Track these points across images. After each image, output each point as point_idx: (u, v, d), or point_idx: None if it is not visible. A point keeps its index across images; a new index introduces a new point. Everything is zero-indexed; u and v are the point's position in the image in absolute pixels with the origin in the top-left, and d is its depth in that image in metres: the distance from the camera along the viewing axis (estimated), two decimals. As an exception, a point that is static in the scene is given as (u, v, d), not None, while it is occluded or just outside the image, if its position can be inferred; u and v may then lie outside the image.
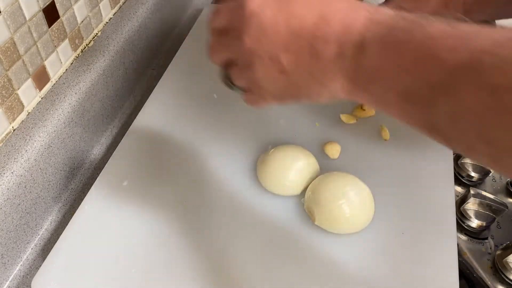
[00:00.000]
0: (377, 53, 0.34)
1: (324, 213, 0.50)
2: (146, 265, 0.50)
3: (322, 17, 0.36)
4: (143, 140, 0.62)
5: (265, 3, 0.37)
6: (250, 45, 0.38)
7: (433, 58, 0.31)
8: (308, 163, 0.54)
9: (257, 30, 0.37)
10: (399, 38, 0.33)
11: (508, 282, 0.56)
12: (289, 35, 0.36)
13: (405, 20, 0.34)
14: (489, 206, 0.59)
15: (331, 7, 0.36)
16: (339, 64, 0.35)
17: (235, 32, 0.39)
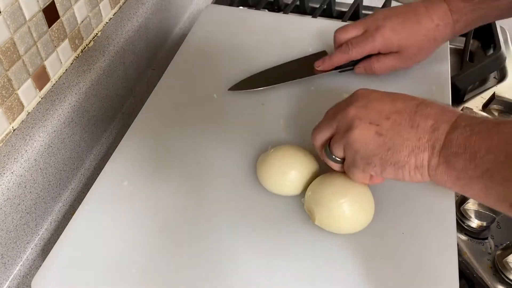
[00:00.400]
0: (467, 133, 0.39)
1: (324, 213, 0.50)
2: (146, 265, 0.50)
3: (423, 103, 0.43)
4: (143, 140, 0.62)
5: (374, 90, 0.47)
6: (354, 111, 0.44)
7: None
8: (308, 162, 0.54)
9: (364, 102, 0.45)
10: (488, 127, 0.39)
11: (508, 282, 0.56)
12: (392, 109, 0.43)
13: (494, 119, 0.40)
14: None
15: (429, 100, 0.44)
16: (432, 135, 0.41)
17: (342, 108, 0.46)
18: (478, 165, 0.38)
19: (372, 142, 0.43)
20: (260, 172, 0.55)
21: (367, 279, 0.48)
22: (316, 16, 0.86)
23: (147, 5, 0.76)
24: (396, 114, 0.43)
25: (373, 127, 0.43)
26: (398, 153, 0.43)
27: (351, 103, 0.46)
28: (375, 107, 0.44)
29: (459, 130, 0.40)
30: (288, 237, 0.52)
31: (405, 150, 0.42)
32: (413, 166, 0.42)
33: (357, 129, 0.44)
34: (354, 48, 0.62)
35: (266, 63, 0.71)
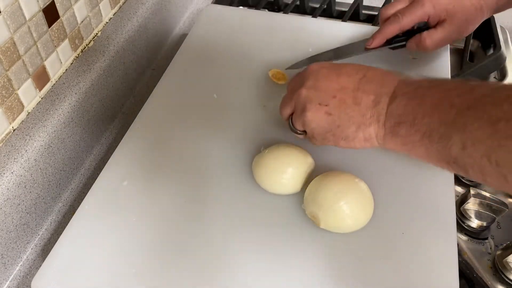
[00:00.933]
0: (404, 102, 0.44)
1: (328, 216, 0.50)
2: (146, 265, 0.50)
3: (365, 77, 0.48)
4: (143, 140, 0.62)
5: (323, 66, 0.51)
6: (305, 93, 0.49)
7: (447, 103, 0.40)
8: (304, 159, 0.55)
9: (313, 82, 0.50)
10: (422, 92, 0.43)
11: (508, 282, 0.56)
12: (337, 87, 0.48)
13: (428, 81, 0.45)
14: (489, 206, 0.59)
15: (373, 70, 0.48)
16: (375, 110, 0.46)
17: (297, 86, 0.51)
18: (417, 129, 0.42)
19: (324, 121, 0.49)
20: (257, 173, 0.55)
21: (367, 279, 0.48)
22: (316, 16, 0.86)
23: (147, 5, 0.76)
24: (341, 91, 0.48)
25: (322, 108, 0.48)
26: (346, 129, 0.48)
27: (303, 83, 0.50)
28: (322, 86, 0.49)
29: (397, 100, 0.45)
30: (288, 237, 0.52)
31: (352, 126, 0.47)
32: (362, 139, 0.48)
33: (309, 112, 0.49)
34: (404, 16, 0.62)
35: (266, 63, 0.71)
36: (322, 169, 0.55)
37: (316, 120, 0.49)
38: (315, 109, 0.49)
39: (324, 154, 0.59)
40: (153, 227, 0.53)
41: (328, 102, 0.48)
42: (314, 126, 0.50)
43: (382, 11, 0.65)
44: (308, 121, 0.50)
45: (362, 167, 0.57)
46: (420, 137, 0.42)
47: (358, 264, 0.49)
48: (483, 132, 0.37)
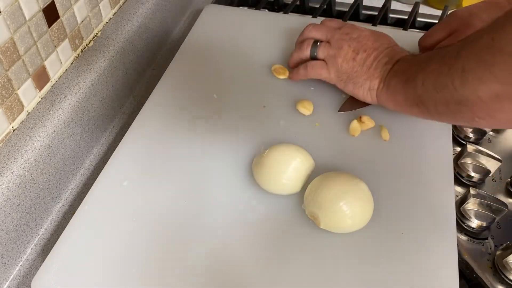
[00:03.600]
0: (402, 62, 0.57)
1: (328, 217, 0.50)
2: (146, 265, 0.50)
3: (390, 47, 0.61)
4: (143, 140, 0.62)
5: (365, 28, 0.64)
6: (348, 39, 0.62)
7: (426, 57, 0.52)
8: (304, 159, 0.55)
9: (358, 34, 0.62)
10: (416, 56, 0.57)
11: (508, 282, 0.56)
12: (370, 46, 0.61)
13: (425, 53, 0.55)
14: (489, 206, 0.59)
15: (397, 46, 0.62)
16: (384, 68, 0.58)
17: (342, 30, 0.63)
18: (402, 78, 0.54)
19: (348, 63, 0.61)
20: (257, 174, 0.55)
21: (367, 279, 0.48)
22: (316, 16, 0.86)
23: (147, 5, 0.76)
24: (371, 49, 0.60)
25: (353, 54, 0.61)
26: (360, 76, 0.60)
27: (349, 33, 0.62)
28: (362, 40, 0.61)
29: (400, 61, 0.57)
30: (288, 237, 0.52)
31: (365, 75, 0.60)
32: (367, 88, 0.60)
33: (343, 50, 0.61)
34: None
35: (266, 63, 0.71)
36: (322, 169, 0.55)
37: (343, 59, 0.61)
38: (348, 51, 0.61)
39: (324, 154, 0.59)
40: (153, 227, 0.53)
41: (359, 52, 0.60)
42: (338, 62, 0.61)
43: (423, 40, 0.68)
44: (337, 56, 0.61)
45: (362, 167, 0.57)
46: (402, 84, 0.54)
47: (358, 264, 0.49)
48: (435, 65, 0.47)
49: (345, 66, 0.61)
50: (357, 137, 0.61)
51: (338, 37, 0.63)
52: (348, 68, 0.61)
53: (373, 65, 0.59)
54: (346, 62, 0.61)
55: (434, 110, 0.49)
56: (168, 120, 0.64)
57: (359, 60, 0.60)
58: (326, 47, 0.63)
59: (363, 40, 0.61)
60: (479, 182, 0.65)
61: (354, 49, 0.61)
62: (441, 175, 0.56)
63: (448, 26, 0.64)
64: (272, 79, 0.69)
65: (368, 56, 0.60)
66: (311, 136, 0.61)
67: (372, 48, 0.60)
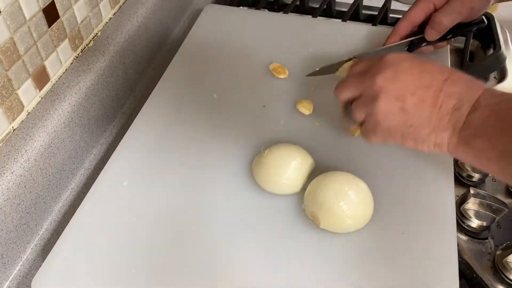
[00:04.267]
0: (486, 113, 0.40)
1: (328, 216, 0.50)
2: (146, 265, 0.50)
3: (450, 79, 0.43)
4: (143, 140, 0.62)
5: (404, 57, 0.46)
6: (381, 83, 0.45)
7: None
8: (304, 159, 0.55)
9: (392, 73, 0.45)
10: (507, 106, 0.40)
11: (508, 282, 0.56)
12: (419, 84, 0.44)
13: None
14: (489, 206, 0.59)
15: (458, 73, 0.44)
16: (454, 116, 0.42)
17: (371, 73, 0.46)
18: (495, 146, 0.40)
19: (396, 117, 0.44)
20: (257, 174, 0.55)
21: (367, 278, 0.48)
22: (316, 16, 0.86)
23: (147, 5, 0.76)
24: (422, 89, 0.43)
25: (398, 103, 0.44)
26: (419, 131, 0.44)
27: (380, 71, 0.46)
28: (402, 80, 0.44)
29: (480, 110, 0.41)
30: (288, 237, 0.52)
31: (427, 128, 0.44)
32: (432, 143, 0.44)
33: (382, 102, 0.44)
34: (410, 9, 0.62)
35: (266, 63, 0.71)
36: (322, 169, 0.55)
37: (386, 114, 0.45)
38: (389, 102, 0.44)
39: (324, 154, 0.59)
40: (153, 227, 0.53)
41: (406, 98, 0.44)
42: (381, 120, 0.45)
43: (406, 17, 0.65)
44: (377, 112, 0.45)
45: (362, 167, 0.57)
46: (496, 154, 0.40)
47: (358, 264, 0.49)
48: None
49: (393, 122, 0.45)
50: (357, 137, 0.61)
51: (368, 84, 0.46)
52: (398, 124, 0.45)
53: (434, 112, 0.43)
54: (392, 117, 0.45)
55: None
56: (168, 120, 0.64)
57: (409, 108, 0.44)
58: (359, 106, 0.48)
59: (403, 78, 0.44)
60: (479, 182, 0.65)
61: (397, 96, 0.44)
62: (441, 175, 0.56)
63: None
64: (272, 78, 0.69)
65: (421, 102, 0.44)
66: (311, 136, 0.61)
67: (422, 87, 0.44)
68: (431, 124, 0.43)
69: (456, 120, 0.42)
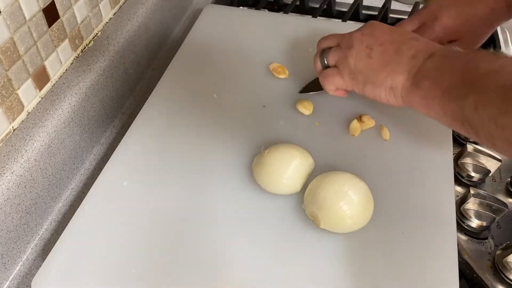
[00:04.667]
0: (438, 60, 0.47)
1: (328, 216, 0.50)
2: (145, 265, 0.50)
3: (415, 38, 0.52)
4: (143, 140, 0.62)
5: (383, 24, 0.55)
6: (359, 36, 0.53)
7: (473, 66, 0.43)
8: (304, 159, 0.55)
9: (369, 30, 0.54)
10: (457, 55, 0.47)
11: (508, 282, 0.56)
12: (388, 38, 0.52)
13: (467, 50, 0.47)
14: (489, 206, 0.59)
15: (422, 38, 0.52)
16: (411, 62, 0.49)
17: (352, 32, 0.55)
18: (440, 85, 0.45)
19: (362, 61, 0.52)
20: (257, 174, 0.55)
21: (367, 278, 0.48)
22: (316, 16, 0.86)
23: (147, 5, 0.76)
24: (389, 43, 0.51)
25: (367, 50, 0.52)
26: (378, 74, 0.51)
27: (360, 29, 0.54)
28: (375, 34, 0.53)
29: (434, 57, 0.48)
30: (288, 237, 0.52)
31: (385, 71, 0.51)
32: (388, 87, 0.51)
33: (354, 50, 0.53)
34: None
35: (266, 63, 0.71)
36: (322, 169, 0.55)
37: (356, 58, 0.53)
38: (360, 49, 0.52)
39: (324, 154, 0.59)
40: (153, 227, 0.53)
41: (374, 47, 0.52)
42: (350, 63, 0.53)
43: None
44: (348, 56, 0.53)
45: (362, 167, 0.57)
46: (440, 93, 0.45)
47: (358, 264, 0.49)
48: (495, 95, 0.39)
49: (359, 66, 0.53)
50: (357, 136, 0.61)
51: (347, 37, 0.55)
52: (363, 67, 0.52)
53: (394, 58, 0.50)
54: (360, 61, 0.52)
55: (486, 139, 0.41)
56: (168, 120, 0.64)
57: (375, 55, 0.51)
58: (335, 51, 0.56)
59: (377, 34, 0.53)
60: (479, 182, 0.65)
61: (368, 45, 0.52)
62: (441, 175, 0.56)
63: (418, 18, 0.63)
64: (272, 78, 0.69)
65: (385, 51, 0.51)
66: (311, 136, 0.61)
67: (390, 41, 0.51)
68: (389, 68, 0.50)
69: (412, 65, 0.49)
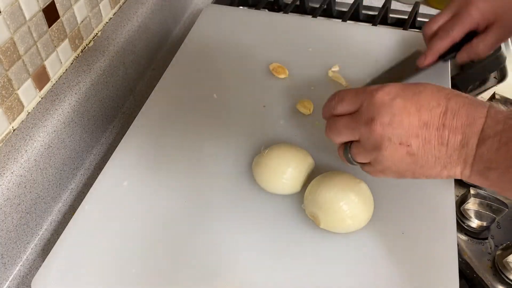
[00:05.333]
0: (495, 146, 0.40)
1: (328, 216, 0.50)
2: (146, 265, 0.50)
3: (449, 110, 0.42)
4: (143, 140, 0.62)
5: (395, 93, 0.43)
6: (381, 130, 0.43)
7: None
8: (304, 159, 0.55)
9: (388, 117, 0.43)
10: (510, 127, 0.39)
11: (508, 282, 0.56)
12: (419, 124, 0.42)
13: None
14: (489, 206, 0.59)
15: (456, 100, 0.42)
16: (463, 151, 0.41)
17: (364, 118, 0.44)
18: (510, 178, 0.39)
19: (404, 161, 0.44)
20: (257, 174, 0.55)
21: (367, 279, 0.48)
22: (316, 16, 0.86)
23: (147, 5, 0.76)
24: (424, 129, 0.42)
25: (403, 148, 0.43)
26: (430, 170, 0.44)
27: (374, 117, 0.43)
28: (401, 122, 0.43)
29: (488, 143, 0.40)
30: (288, 237, 0.52)
31: (438, 166, 0.43)
32: (445, 176, 0.44)
33: (387, 151, 0.43)
34: (453, 29, 0.60)
35: (266, 63, 0.71)
36: (322, 169, 0.55)
37: (394, 160, 0.44)
38: (394, 149, 0.43)
39: (324, 154, 0.59)
40: (153, 227, 0.53)
41: (411, 142, 0.42)
42: (389, 166, 0.45)
43: (426, 27, 0.64)
44: (383, 160, 0.44)
45: (362, 167, 0.57)
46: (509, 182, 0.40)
47: (358, 264, 0.49)
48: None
49: (403, 167, 0.45)
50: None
51: (364, 131, 0.44)
52: (408, 167, 0.44)
53: (442, 152, 0.42)
54: (400, 162, 0.44)
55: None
56: (168, 120, 0.64)
57: (416, 151, 0.43)
58: (361, 151, 0.46)
59: (402, 121, 0.43)
60: (479, 182, 0.65)
61: (401, 141, 0.43)
62: (441, 175, 0.56)
63: (449, 9, 0.62)
64: (272, 78, 0.69)
65: (426, 143, 0.42)
66: (311, 136, 0.61)
67: (423, 126, 0.42)
68: (441, 162, 0.43)
69: (466, 155, 0.42)
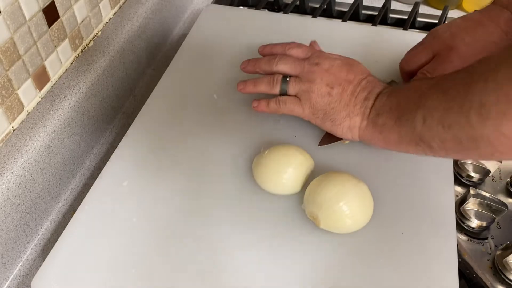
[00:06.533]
0: (385, 97, 0.53)
1: (328, 217, 0.50)
2: (145, 265, 0.50)
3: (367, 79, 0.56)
4: (143, 140, 0.62)
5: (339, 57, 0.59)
6: (319, 72, 0.57)
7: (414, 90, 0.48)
8: (303, 159, 0.55)
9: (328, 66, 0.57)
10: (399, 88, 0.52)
11: (508, 282, 0.56)
12: (345, 78, 0.56)
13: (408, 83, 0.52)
14: (489, 206, 0.59)
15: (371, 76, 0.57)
16: (364, 104, 0.54)
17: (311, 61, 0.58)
18: (391, 116, 0.50)
19: (323, 99, 0.56)
20: (257, 174, 0.55)
21: (367, 279, 0.48)
22: (316, 16, 0.86)
23: (147, 5, 0.76)
24: (346, 83, 0.56)
25: (328, 88, 0.56)
26: (338, 113, 0.55)
27: (319, 63, 0.58)
28: (334, 73, 0.56)
29: (381, 96, 0.53)
30: (288, 237, 0.52)
31: (344, 112, 0.55)
32: (346, 126, 0.55)
33: (316, 85, 0.56)
34: (433, 74, 0.59)
35: (266, 63, 0.71)
36: (322, 169, 0.55)
37: (317, 94, 0.56)
38: (321, 86, 0.56)
39: (324, 154, 0.59)
40: (153, 227, 0.53)
41: (334, 86, 0.56)
42: (312, 98, 0.56)
43: (404, 63, 0.63)
44: (310, 91, 0.56)
45: (362, 167, 0.57)
46: (393, 122, 0.49)
47: (358, 264, 0.49)
48: (437, 101, 0.43)
49: (320, 102, 0.56)
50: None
51: (308, 69, 0.57)
52: (324, 105, 0.56)
53: (351, 101, 0.55)
54: (321, 98, 0.56)
55: (439, 147, 0.44)
56: (168, 120, 0.64)
57: (335, 95, 0.55)
58: (297, 83, 0.58)
59: (335, 72, 0.56)
60: (479, 182, 0.65)
61: (328, 83, 0.56)
62: (441, 175, 0.56)
63: (430, 48, 0.61)
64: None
65: (344, 91, 0.55)
66: (311, 136, 0.61)
67: (347, 81, 0.56)
68: (347, 109, 0.55)
69: (365, 107, 0.54)
